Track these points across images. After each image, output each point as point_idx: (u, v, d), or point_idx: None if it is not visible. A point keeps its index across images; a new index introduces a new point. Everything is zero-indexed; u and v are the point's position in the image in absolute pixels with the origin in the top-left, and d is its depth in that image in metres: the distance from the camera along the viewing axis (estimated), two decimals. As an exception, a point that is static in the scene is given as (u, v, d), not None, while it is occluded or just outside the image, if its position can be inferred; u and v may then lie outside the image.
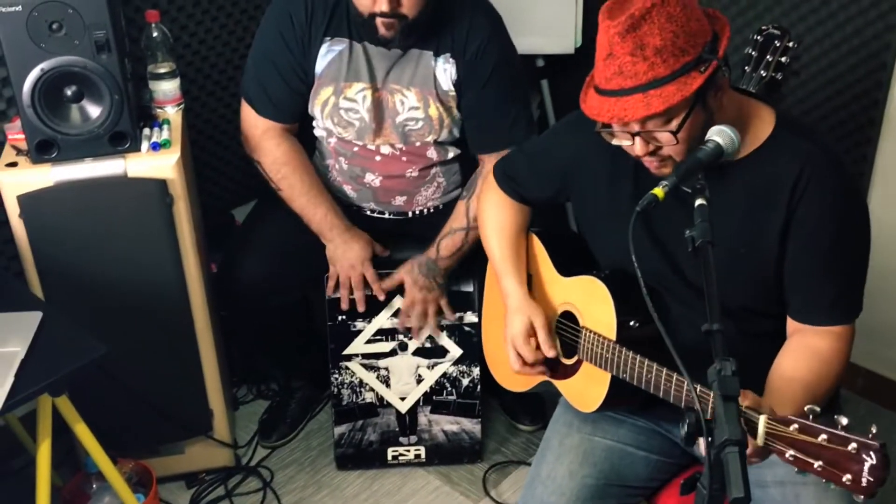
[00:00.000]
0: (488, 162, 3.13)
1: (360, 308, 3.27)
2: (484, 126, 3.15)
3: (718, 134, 2.05)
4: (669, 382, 2.13)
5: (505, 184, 2.73)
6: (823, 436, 1.71)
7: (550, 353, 2.54)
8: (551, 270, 2.67)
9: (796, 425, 1.76)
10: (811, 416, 1.75)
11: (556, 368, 2.62)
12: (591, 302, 2.46)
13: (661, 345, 1.86)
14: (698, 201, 1.97)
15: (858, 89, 3.38)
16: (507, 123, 3.14)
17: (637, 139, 2.09)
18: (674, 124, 2.05)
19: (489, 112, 3.11)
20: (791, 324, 2.27)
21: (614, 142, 2.17)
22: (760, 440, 1.83)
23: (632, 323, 2.35)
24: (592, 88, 2.14)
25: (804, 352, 2.19)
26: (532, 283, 2.72)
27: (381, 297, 3.26)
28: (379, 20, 2.88)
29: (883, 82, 3.32)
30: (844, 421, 1.70)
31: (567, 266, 2.64)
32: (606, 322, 2.38)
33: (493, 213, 2.75)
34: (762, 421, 1.82)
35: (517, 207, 2.73)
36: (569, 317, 2.58)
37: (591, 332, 2.44)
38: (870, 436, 1.67)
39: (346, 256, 3.20)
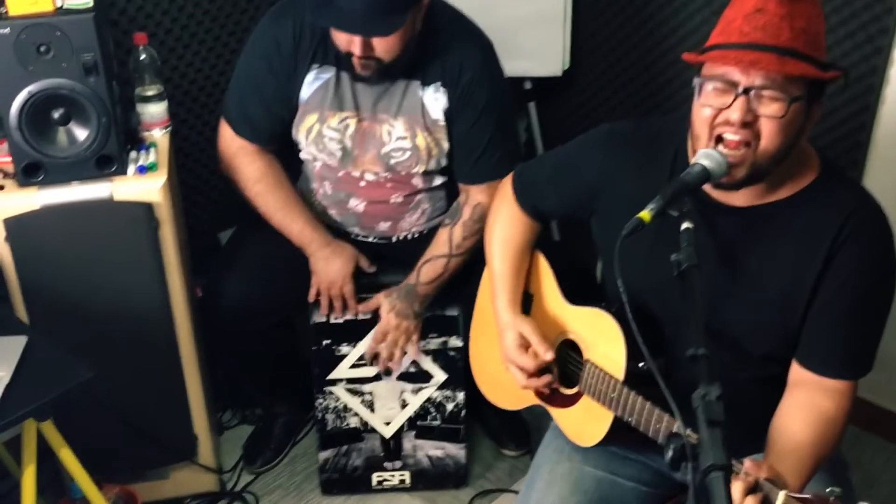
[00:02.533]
0: (473, 192, 3.15)
1: (337, 314, 3.27)
2: (473, 158, 3.13)
3: (706, 157, 2.03)
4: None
5: (521, 191, 2.65)
6: None
7: (548, 356, 2.47)
8: (556, 294, 2.62)
9: None
10: (832, 498, 1.71)
11: (553, 396, 2.59)
12: (599, 337, 2.41)
13: (674, 390, 1.81)
14: (684, 225, 1.96)
15: (845, 113, 3.38)
16: (497, 157, 3.12)
17: (739, 101, 1.99)
18: (790, 95, 1.98)
19: (481, 144, 3.10)
20: (796, 371, 2.23)
21: (712, 101, 2.04)
22: None
23: (642, 364, 2.28)
24: (709, 52, 2.06)
25: (810, 412, 2.15)
26: (532, 304, 2.68)
27: (353, 312, 3.26)
28: (355, 59, 2.87)
29: (870, 105, 3.33)
30: None
31: (572, 292, 2.60)
32: (615, 360, 2.33)
33: (500, 226, 2.69)
34: (781, 497, 1.79)
35: (527, 224, 2.67)
36: (570, 345, 2.54)
37: (595, 367, 2.39)
38: None
39: (327, 272, 3.20)
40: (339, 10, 2.77)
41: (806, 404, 2.17)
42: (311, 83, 3.05)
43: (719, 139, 2.05)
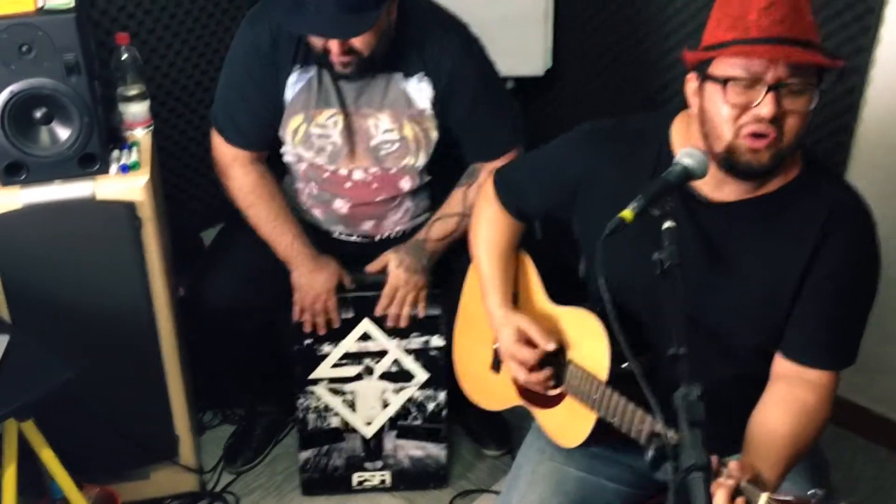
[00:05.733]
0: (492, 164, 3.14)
1: (321, 332, 3.26)
2: (484, 139, 3.15)
3: (688, 156, 2.04)
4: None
5: (504, 191, 2.66)
6: None
7: (550, 347, 2.45)
8: (541, 294, 2.63)
9: None
10: (814, 500, 1.71)
11: (536, 397, 2.58)
12: (583, 336, 2.41)
13: (657, 389, 1.81)
14: (666, 224, 1.96)
15: (828, 112, 3.37)
16: (506, 128, 3.16)
17: (770, 96, 1.99)
18: (814, 87, 2.02)
19: (486, 124, 3.12)
20: (779, 363, 2.23)
21: (736, 99, 2.03)
22: None
23: (625, 365, 2.25)
24: (726, 48, 2.04)
25: (790, 404, 2.15)
26: (518, 304, 2.67)
27: (336, 325, 3.26)
28: (334, 58, 2.86)
29: (853, 106, 3.33)
30: None
31: (557, 292, 2.60)
32: (598, 360, 2.32)
33: (485, 226, 2.70)
34: (763, 499, 1.78)
35: (510, 223, 2.68)
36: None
37: (579, 367, 2.39)
38: None
39: (311, 286, 3.19)
40: (310, 12, 2.75)
41: (786, 396, 2.17)
42: (294, 84, 3.04)
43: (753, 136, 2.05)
